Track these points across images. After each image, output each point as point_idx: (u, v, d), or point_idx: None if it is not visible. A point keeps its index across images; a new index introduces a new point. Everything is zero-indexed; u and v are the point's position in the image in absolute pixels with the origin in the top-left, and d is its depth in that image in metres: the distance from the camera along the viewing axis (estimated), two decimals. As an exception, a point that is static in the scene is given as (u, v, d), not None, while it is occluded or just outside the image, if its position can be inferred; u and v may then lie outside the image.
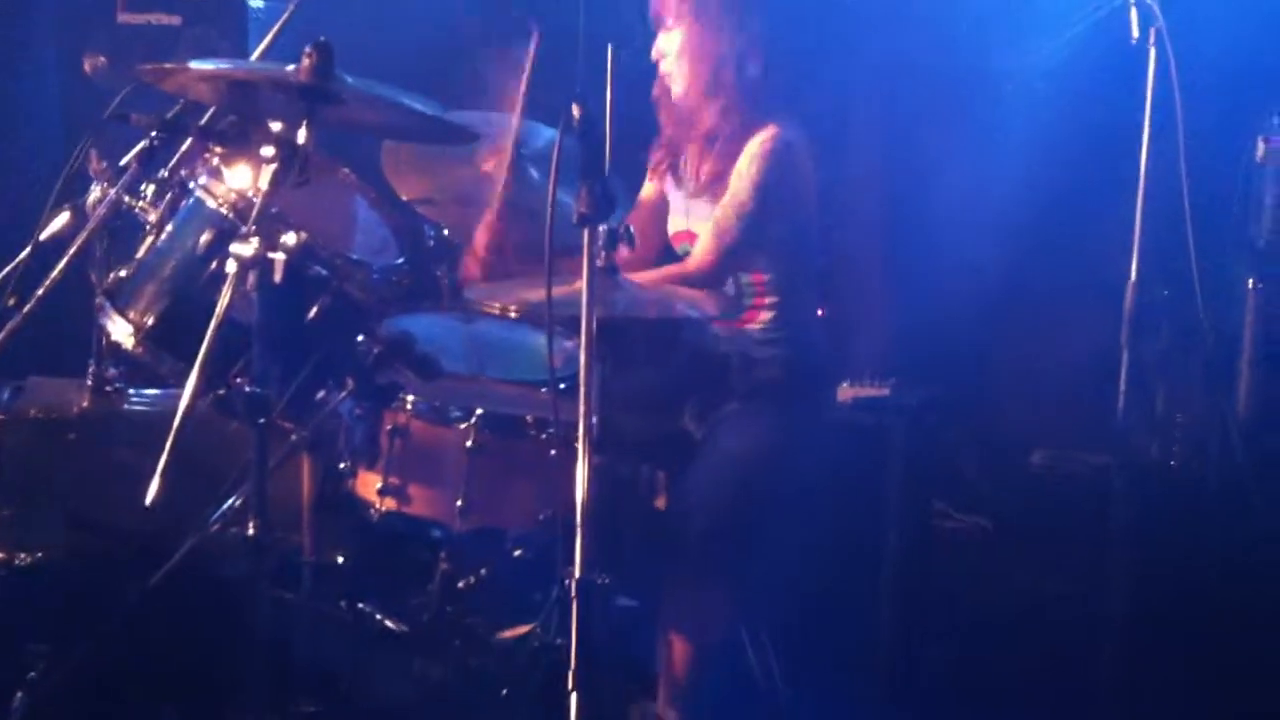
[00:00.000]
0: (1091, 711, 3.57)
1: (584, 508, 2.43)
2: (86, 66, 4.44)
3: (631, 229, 2.98)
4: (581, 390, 2.49)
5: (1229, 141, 4.13)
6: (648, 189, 3.63)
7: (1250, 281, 3.97)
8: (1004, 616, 3.98)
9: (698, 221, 3.46)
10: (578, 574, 2.38)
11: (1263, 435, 3.97)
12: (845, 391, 3.95)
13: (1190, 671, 3.67)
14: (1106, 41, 3.37)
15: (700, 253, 3.37)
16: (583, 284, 2.53)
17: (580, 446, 2.45)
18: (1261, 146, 4.03)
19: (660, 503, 3.45)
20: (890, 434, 3.86)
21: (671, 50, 3.39)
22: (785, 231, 3.39)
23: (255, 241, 2.56)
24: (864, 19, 4.34)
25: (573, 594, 2.37)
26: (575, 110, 2.53)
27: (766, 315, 3.43)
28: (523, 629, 3.18)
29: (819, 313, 3.52)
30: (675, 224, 3.57)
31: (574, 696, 2.33)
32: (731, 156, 3.36)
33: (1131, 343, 3.38)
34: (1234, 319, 4.03)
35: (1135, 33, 3.26)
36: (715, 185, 3.39)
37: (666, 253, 3.60)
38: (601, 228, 2.66)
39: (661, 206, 3.60)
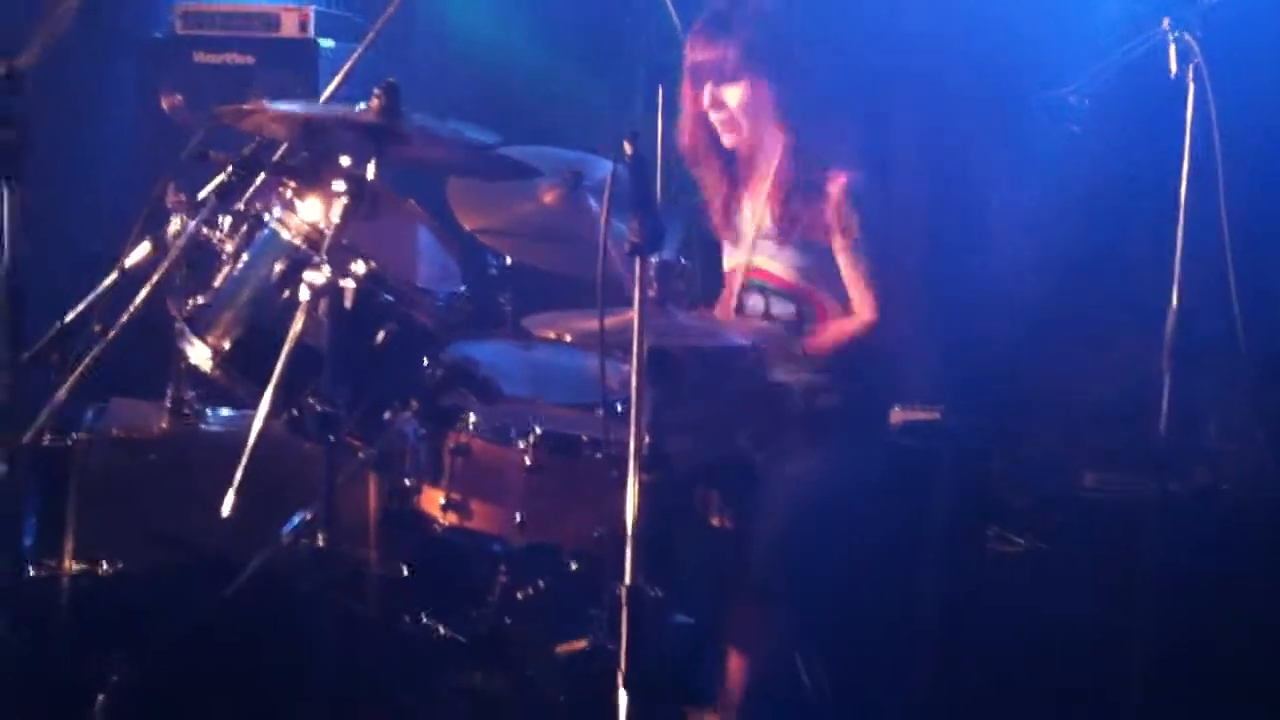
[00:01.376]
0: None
1: (634, 520, 2.52)
2: (164, 105, 4.60)
3: (684, 262, 3.09)
4: (633, 411, 2.58)
5: (1274, 172, 4.16)
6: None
7: (1299, 309, 3.99)
8: (1052, 638, 3.96)
9: (768, 260, 3.55)
10: (628, 581, 2.46)
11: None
12: (896, 415, 3.97)
13: (1241, 700, 3.67)
14: (1144, 76, 3.40)
15: (865, 307, 3.48)
16: (634, 311, 2.62)
17: (631, 463, 2.55)
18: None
19: (716, 522, 3.51)
20: (941, 457, 3.89)
21: (733, 102, 3.48)
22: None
23: (326, 270, 2.66)
24: (904, 54, 4.39)
25: (623, 601, 2.45)
26: (627, 146, 2.63)
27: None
28: (578, 644, 3.23)
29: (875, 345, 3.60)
30: (736, 260, 3.65)
31: (623, 695, 2.41)
32: (808, 200, 3.46)
33: (1174, 369, 3.39)
34: (1281, 347, 4.04)
35: (1174, 68, 3.30)
36: (792, 229, 3.49)
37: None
38: (654, 259, 2.75)
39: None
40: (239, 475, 2.54)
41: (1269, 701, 3.66)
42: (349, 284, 2.69)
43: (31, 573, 3.35)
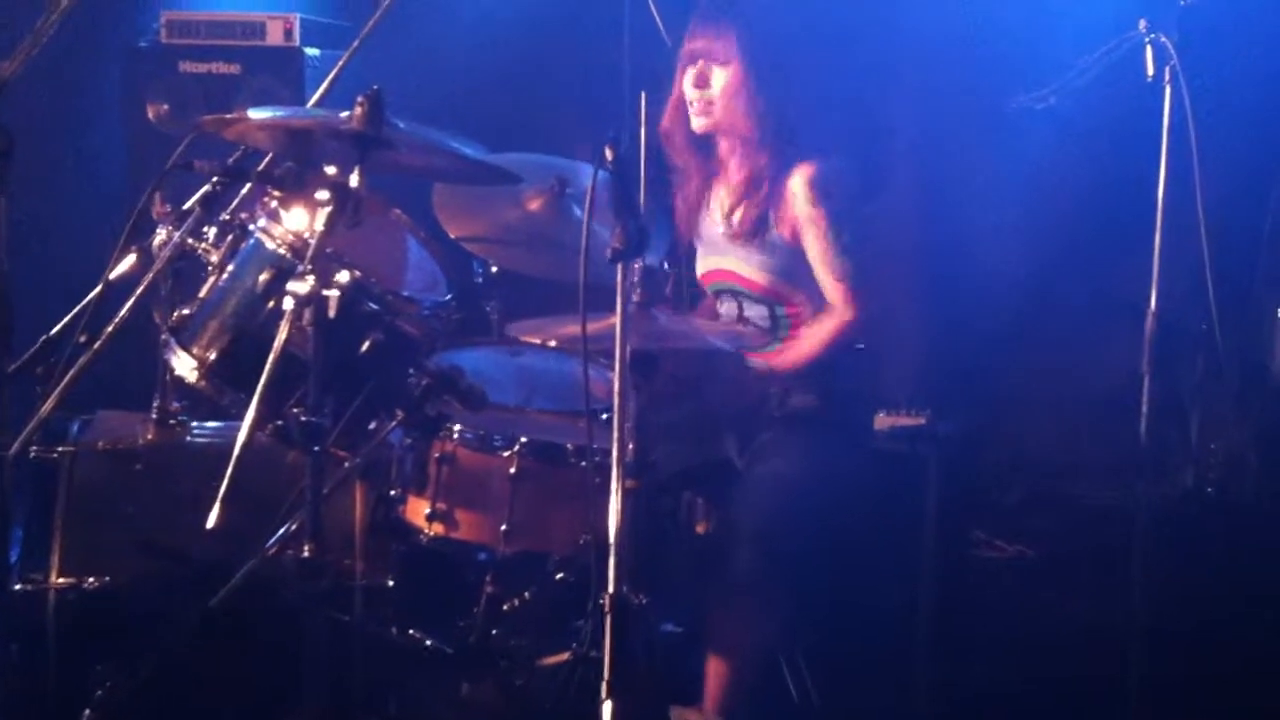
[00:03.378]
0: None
1: (618, 529, 2.53)
2: (150, 114, 4.60)
3: (667, 266, 3.09)
4: (616, 418, 2.59)
5: (1258, 173, 4.17)
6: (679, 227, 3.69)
7: (1279, 311, 4.01)
8: (1041, 642, 3.98)
9: (738, 263, 3.54)
10: (611, 589, 2.47)
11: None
12: (882, 420, 3.99)
13: (1227, 698, 3.67)
14: (1123, 77, 3.42)
15: (839, 304, 3.44)
16: (617, 317, 2.63)
17: (614, 471, 2.55)
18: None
19: (701, 528, 3.52)
20: (926, 462, 3.89)
21: (718, 86, 3.46)
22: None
23: (311, 280, 2.65)
24: (891, 54, 4.41)
25: (607, 609, 2.45)
26: (608, 151, 2.63)
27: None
28: (564, 654, 3.22)
29: (858, 345, 3.60)
30: (707, 264, 3.65)
31: (608, 705, 2.42)
32: (774, 198, 3.45)
33: (1158, 371, 3.40)
34: (1265, 347, 4.06)
35: (1150, 70, 3.31)
36: (759, 229, 3.47)
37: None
38: (637, 264, 2.76)
39: (690, 243, 3.69)
40: (225, 486, 2.53)
41: (1257, 701, 3.66)
42: (334, 293, 2.68)
43: (18, 586, 3.34)
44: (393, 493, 3.28)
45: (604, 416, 3.09)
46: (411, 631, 3.32)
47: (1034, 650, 3.97)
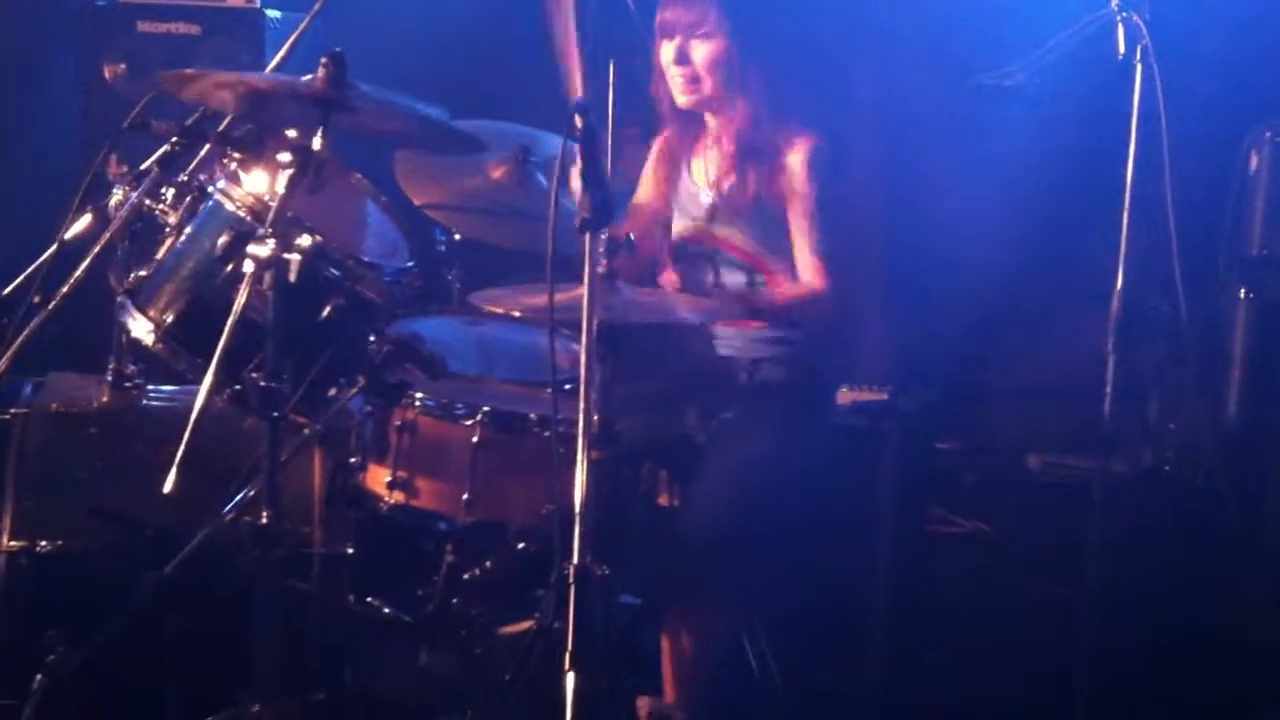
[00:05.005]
0: (1086, 715, 3.61)
1: (582, 500, 2.51)
2: (107, 74, 4.54)
3: (632, 238, 3.07)
4: (582, 389, 2.57)
5: (1220, 154, 4.19)
6: (646, 192, 3.68)
7: (1242, 291, 4.02)
8: (998, 620, 4.01)
9: (722, 227, 3.51)
10: (575, 561, 2.45)
11: (1253, 443, 4.00)
12: (844, 396, 4.00)
13: (1182, 674, 3.72)
14: (1094, 57, 3.42)
15: (811, 275, 3.42)
16: (584, 288, 2.61)
17: (580, 441, 2.54)
18: (1254, 159, 4.09)
19: (663, 500, 3.52)
20: (887, 438, 3.91)
21: (700, 59, 3.43)
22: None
23: (271, 243, 2.62)
24: (862, 30, 4.40)
25: (570, 581, 2.44)
26: (577, 119, 2.61)
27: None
28: (524, 624, 3.21)
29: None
30: (684, 227, 3.62)
31: (571, 677, 2.41)
32: (769, 169, 3.43)
33: (1120, 351, 3.42)
34: (1226, 329, 4.08)
35: (1121, 49, 3.31)
36: (745, 195, 3.46)
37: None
38: (603, 234, 2.74)
39: (662, 209, 3.66)
40: (181, 451, 2.50)
41: (1211, 679, 3.71)
42: (294, 257, 2.65)
43: (-32, 549, 3.31)
44: (352, 460, 3.26)
45: (566, 387, 3.07)
46: (370, 600, 3.32)
47: (990, 626, 4.00)
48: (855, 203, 3.66)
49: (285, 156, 2.71)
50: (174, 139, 3.08)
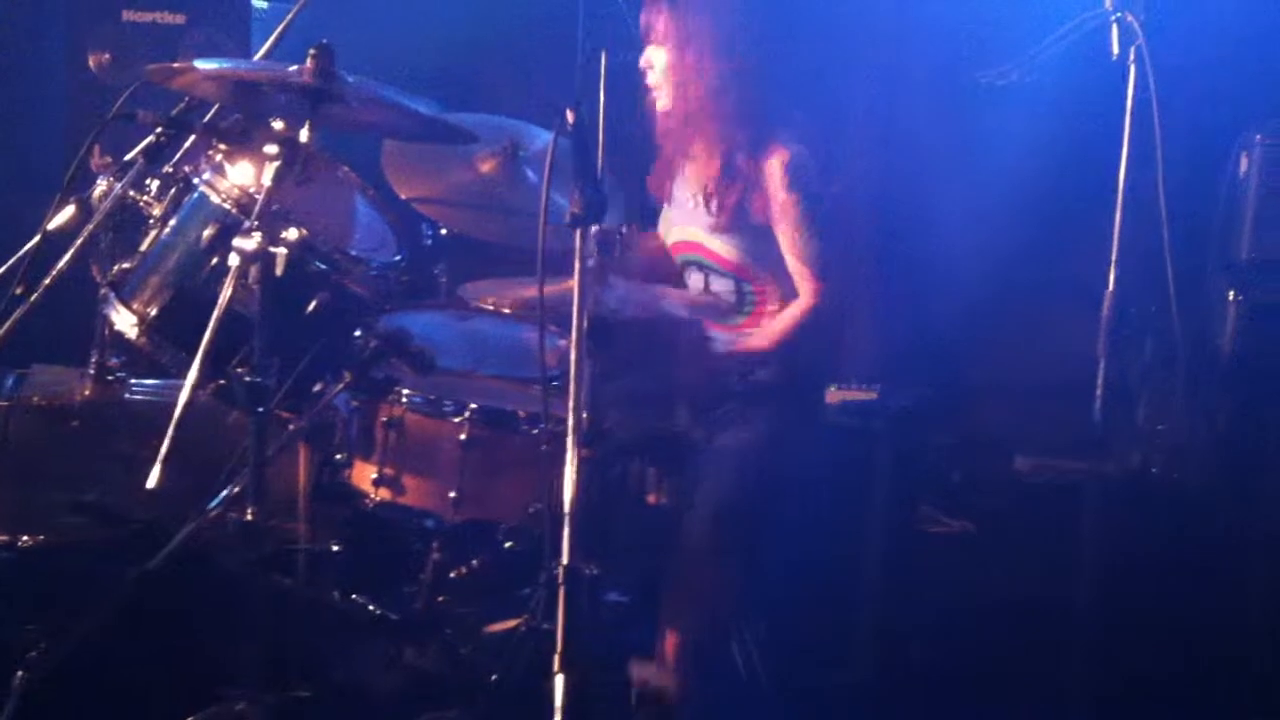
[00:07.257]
0: (1072, 714, 3.60)
1: (572, 499, 2.49)
2: (92, 63, 4.51)
3: (624, 230, 3.05)
4: (571, 386, 2.55)
5: (1211, 157, 4.19)
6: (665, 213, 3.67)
7: (1231, 294, 4.02)
8: (986, 619, 4.01)
9: (708, 237, 3.49)
10: (565, 562, 2.43)
11: (1242, 445, 4.01)
12: (833, 395, 3.99)
13: (1167, 674, 3.71)
14: (1089, 57, 3.41)
15: (808, 288, 3.41)
16: (574, 283, 2.59)
17: (569, 441, 2.52)
18: (1244, 161, 4.09)
19: (652, 499, 3.50)
20: (877, 437, 3.91)
21: (658, 66, 3.42)
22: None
23: (257, 236, 2.60)
24: (854, 33, 4.38)
25: (560, 581, 2.42)
26: (569, 115, 2.59)
27: (767, 322, 3.49)
28: (511, 623, 3.21)
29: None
30: (675, 234, 3.60)
31: (560, 679, 2.39)
32: (750, 182, 3.40)
33: (1110, 352, 3.41)
34: (1216, 331, 4.08)
35: (1115, 49, 3.30)
36: (735, 214, 3.43)
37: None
38: (594, 229, 2.72)
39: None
40: (165, 446, 2.48)
41: (1198, 679, 3.70)
42: (280, 251, 2.63)
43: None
44: (338, 456, 3.22)
45: (554, 384, 3.05)
46: (355, 597, 3.29)
47: (977, 625, 3.99)
48: (845, 205, 3.64)
49: (272, 148, 2.69)
50: (159, 129, 3.07)
